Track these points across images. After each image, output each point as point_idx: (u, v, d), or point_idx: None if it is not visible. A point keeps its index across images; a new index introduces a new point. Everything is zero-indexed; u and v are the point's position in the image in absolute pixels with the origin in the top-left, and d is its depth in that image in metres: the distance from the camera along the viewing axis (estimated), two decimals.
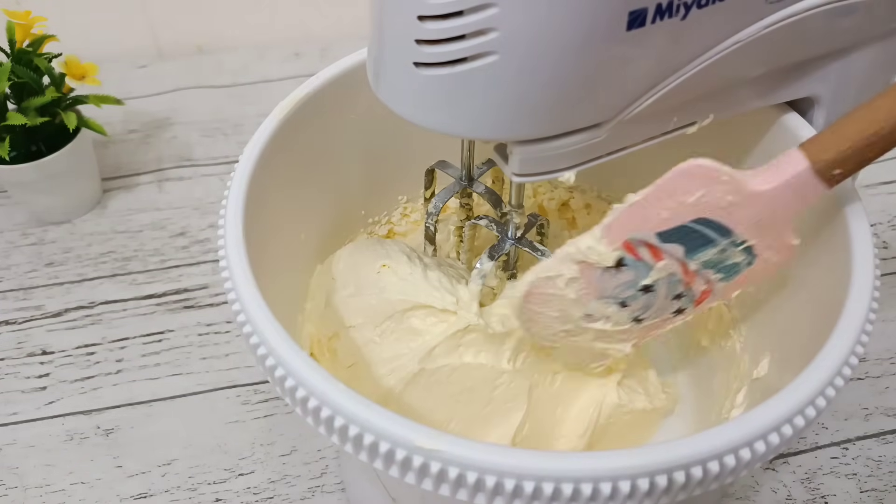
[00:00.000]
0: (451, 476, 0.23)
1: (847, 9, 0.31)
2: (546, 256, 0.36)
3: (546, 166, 0.30)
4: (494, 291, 0.39)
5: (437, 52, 0.26)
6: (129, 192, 0.64)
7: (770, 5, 0.29)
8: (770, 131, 0.35)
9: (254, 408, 0.49)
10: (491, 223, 0.38)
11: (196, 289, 0.56)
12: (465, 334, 0.36)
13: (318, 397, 0.25)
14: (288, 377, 0.26)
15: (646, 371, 0.42)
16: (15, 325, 0.54)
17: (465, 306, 0.36)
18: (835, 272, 0.30)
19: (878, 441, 0.45)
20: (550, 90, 0.26)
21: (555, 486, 0.23)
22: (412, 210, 0.46)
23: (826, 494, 0.43)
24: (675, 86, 0.29)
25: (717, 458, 0.24)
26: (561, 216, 0.48)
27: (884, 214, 0.59)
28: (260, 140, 0.34)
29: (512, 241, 0.37)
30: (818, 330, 0.28)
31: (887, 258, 0.56)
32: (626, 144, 0.30)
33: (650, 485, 0.23)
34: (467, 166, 0.38)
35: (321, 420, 0.25)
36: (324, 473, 0.45)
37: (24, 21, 0.56)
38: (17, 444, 0.47)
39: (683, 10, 0.26)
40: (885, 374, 0.49)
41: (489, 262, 0.36)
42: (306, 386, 0.26)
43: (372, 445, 0.24)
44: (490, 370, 0.36)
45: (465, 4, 0.24)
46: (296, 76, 0.76)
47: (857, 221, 0.30)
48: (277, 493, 0.44)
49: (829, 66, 0.33)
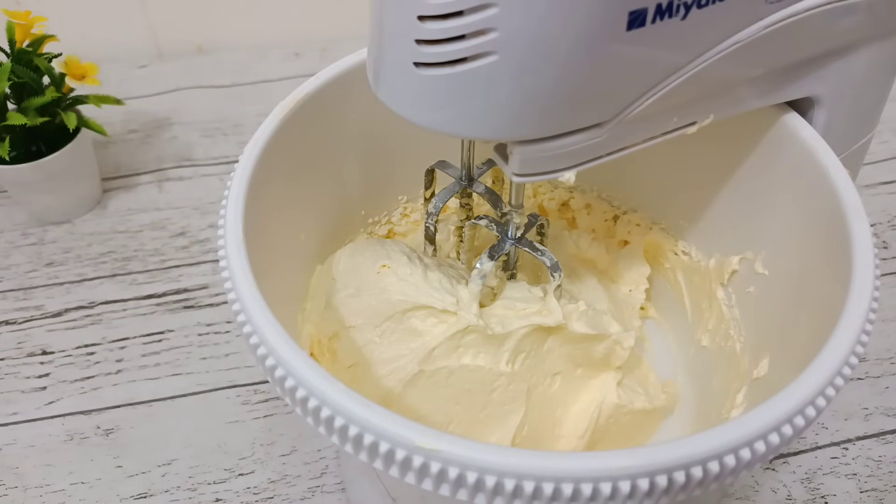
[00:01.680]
0: (451, 476, 0.23)
1: (847, 9, 0.31)
2: (546, 256, 0.36)
3: (546, 166, 0.29)
4: (494, 292, 0.39)
5: (437, 52, 0.26)
6: (129, 192, 0.64)
7: (770, 5, 0.29)
8: (770, 131, 0.35)
9: (254, 408, 0.49)
10: (491, 223, 0.38)
11: (196, 289, 0.56)
12: (464, 335, 0.36)
13: (318, 397, 0.25)
14: (288, 377, 0.26)
15: (646, 371, 0.42)
16: (15, 325, 0.54)
17: (464, 307, 0.36)
18: (835, 272, 0.30)
19: (878, 441, 0.45)
20: (550, 90, 0.26)
21: (555, 486, 0.23)
22: (412, 210, 0.46)
23: (826, 494, 0.43)
24: (676, 86, 0.29)
25: (717, 458, 0.24)
26: (561, 216, 0.48)
27: (884, 214, 0.59)
28: (260, 140, 0.34)
29: (512, 241, 0.37)
30: (818, 330, 0.28)
31: (887, 258, 0.56)
32: (626, 144, 0.30)
33: (650, 485, 0.23)
34: (467, 166, 0.38)
35: (321, 420, 0.25)
36: (324, 473, 0.45)
37: (24, 21, 0.56)
38: (17, 444, 0.47)
39: (683, 10, 0.26)
40: (885, 374, 0.49)
41: (489, 262, 0.36)
42: (306, 386, 0.26)
43: (372, 445, 0.24)
44: (488, 372, 0.36)
45: (465, 4, 0.24)
46: (296, 76, 0.76)
47: (857, 221, 0.30)
48: (277, 493, 0.44)
49: (829, 66, 0.33)
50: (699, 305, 0.42)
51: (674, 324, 0.45)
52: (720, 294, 0.40)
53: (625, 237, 0.45)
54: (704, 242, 0.42)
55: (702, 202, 0.41)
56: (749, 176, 0.37)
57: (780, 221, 0.36)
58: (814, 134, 0.34)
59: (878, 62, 0.35)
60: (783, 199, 0.35)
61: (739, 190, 0.38)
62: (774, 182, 0.36)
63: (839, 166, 0.32)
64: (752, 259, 0.38)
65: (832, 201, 0.31)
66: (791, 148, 0.34)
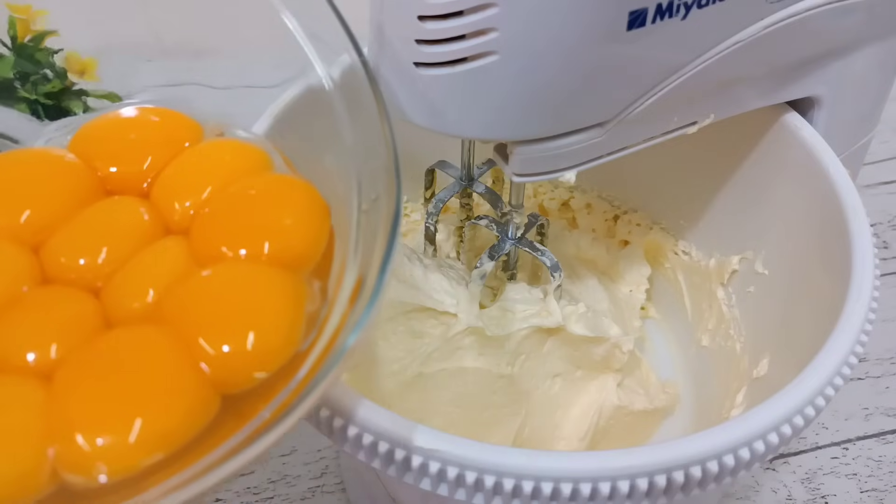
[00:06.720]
0: (451, 476, 0.23)
1: (847, 9, 0.31)
2: (546, 256, 0.36)
3: (546, 166, 0.30)
4: (494, 292, 0.39)
5: (438, 52, 0.26)
6: None
7: (771, 5, 0.29)
8: (770, 131, 0.35)
9: None
10: (491, 223, 0.38)
11: None
12: (464, 337, 0.36)
13: None
14: None
15: (646, 372, 0.42)
16: None
17: (464, 308, 0.36)
18: (835, 272, 0.30)
19: (879, 441, 0.45)
20: (551, 90, 0.26)
21: (553, 486, 0.23)
22: (412, 210, 0.46)
23: (826, 494, 0.43)
24: (676, 85, 0.29)
25: (716, 457, 0.24)
26: (561, 216, 0.48)
27: (884, 214, 0.59)
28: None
29: (512, 241, 0.37)
30: (818, 330, 0.28)
31: (887, 258, 0.56)
32: (626, 144, 0.30)
33: (649, 484, 0.23)
34: (467, 166, 0.38)
35: (321, 420, 0.25)
36: (324, 473, 0.45)
37: (25, 15, 0.56)
38: None
39: (684, 10, 0.26)
40: (885, 374, 0.49)
41: (489, 263, 0.36)
42: None
43: (371, 445, 0.24)
44: (488, 374, 0.36)
45: (465, 4, 0.24)
46: (295, 76, 0.75)
47: (857, 221, 0.30)
48: (277, 493, 0.44)
49: (829, 66, 0.33)
50: (699, 305, 0.42)
51: (674, 324, 0.45)
52: (720, 294, 0.40)
53: (625, 237, 0.45)
54: (704, 242, 0.42)
55: (702, 202, 0.41)
56: (749, 176, 0.37)
57: (780, 221, 0.36)
58: (814, 134, 0.34)
59: (878, 62, 0.35)
60: (783, 198, 0.35)
61: (739, 190, 0.38)
62: (774, 182, 0.36)
63: (839, 166, 0.32)
64: (752, 259, 0.38)
65: (832, 201, 0.31)
66: (791, 148, 0.34)
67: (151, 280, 0.22)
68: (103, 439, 0.18)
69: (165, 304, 0.21)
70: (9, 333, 0.20)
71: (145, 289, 0.21)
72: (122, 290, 0.22)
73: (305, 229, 0.24)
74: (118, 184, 0.25)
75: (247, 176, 0.25)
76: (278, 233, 0.23)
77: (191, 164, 0.26)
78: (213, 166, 0.26)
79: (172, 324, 0.20)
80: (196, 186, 0.24)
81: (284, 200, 0.24)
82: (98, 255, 0.22)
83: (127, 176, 0.25)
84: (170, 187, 0.25)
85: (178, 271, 0.22)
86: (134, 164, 0.25)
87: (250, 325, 0.20)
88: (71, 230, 0.23)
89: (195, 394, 0.19)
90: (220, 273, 0.22)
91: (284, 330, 0.21)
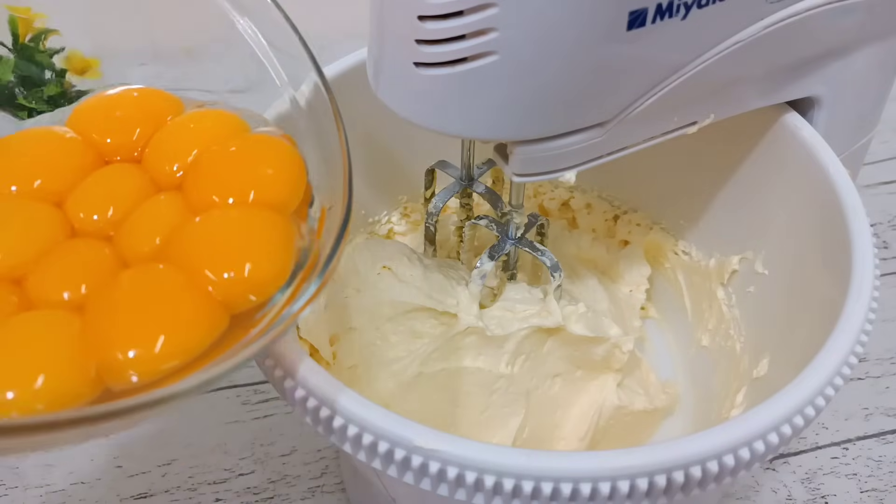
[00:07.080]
0: (450, 476, 0.23)
1: (847, 9, 0.31)
2: (546, 256, 0.36)
3: (547, 166, 0.30)
4: (494, 292, 0.39)
5: (437, 52, 0.26)
6: None
7: (770, 5, 0.29)
8: (770, 131, 0.35)
9: (254, 408, 0.49)
10: (491, 223, 0.38)
11: None
12: (464, 337, 0.36)
13: (317, 398, 0.25)
14: (287, 378, 0.26)
15: (646, 372, 0.42)
16: None
17: (464, 308, 0.36)
18: (835, 272, 0.30)
19: (879, 441, 0.45)
20: (551, 90, 0.27)
21: (553, 486, 0.23)
22: (412, 210, 0.46)
23: (826, 494, 0.43)
24: (676, 85, 0.29)
25: (716, 457, 0.24)
26: (561, 216, 0.48)
27: (884, 214, 0.59)
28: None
29: (512, 241, 0.37)
30: (818, 330, 0.28)
31: (887, 258, 0.56)
32: (626, 144, 0.30)
33: (649, 484, 0.23)
34: (467, 166, 0.38)
35: (320, 420, 0.25)
36: (324, 473, 0.45)
37: (25, 15, 0.56)
38: None
39: (684, 9, 0.26)
40: (885, 374, 0.49)
41: (489, 263, 0.36)
42: (305, 386, 0.26)
43: (371, 445, 0.24)
44: (488, 374, 0.36)
45: (465, 4, 0.24)
46: None
47: (857, 221, 0.30)
48: (277, 493, 0.44)
49: (829, 66, 0.33)
50: (699, 305, 0.42)
51: (674, 324, 0.45)
52: (720, 294, 0.40)
53: (625, 237, 0.45)
54: (704, 242, 0.42)
55: (702, 202, 0.41)
56: (749, 176, 0.37)
57: (780, 221, 0.36)
58: (814, 134, 0.34)
59: (878, 62, 0.35)
60: (783, 198, 0.35)
61: (739, 190, 0.38)
62: (774, 182, 0.36)
63: (839, 166, 0.32)
64: (752, 259, 0.38)
65: (832, 201, 0.31)
66: (791, 148, 0.34)
67: (155, 227, 0.25)
68: (134, 352, 0.22)
69: (170, 245, 0.25)
70: (46, 277, 0.24)
71: (152, 234, 0.25)
72: (131, 237, 0.26)
73: (285, 177, 0.27)
74: (114, 153, 0.29)
75: (228, 138, 0.29)
76: (261, 181, 0.26)
77: (177, 132, 0.30)
78: (196, 132, 0.29)
79: (178, 260, 0.24)
80: (183, 150, 0.28)
81: (264, 154, 0.28)
82: (107, 211, 0.26)
83: (120, 146, 0.29)
84: (160, 152, 0.28)
85: (177, 219, 0.26)
86: (125, 136, 0.29)
87: (246, 255, 0.24)
88: (82, 192, 0.27)
89: (205, 313, 0.23)
90: (215, 216, 0.25)
91: (277, 259, 0.24)
